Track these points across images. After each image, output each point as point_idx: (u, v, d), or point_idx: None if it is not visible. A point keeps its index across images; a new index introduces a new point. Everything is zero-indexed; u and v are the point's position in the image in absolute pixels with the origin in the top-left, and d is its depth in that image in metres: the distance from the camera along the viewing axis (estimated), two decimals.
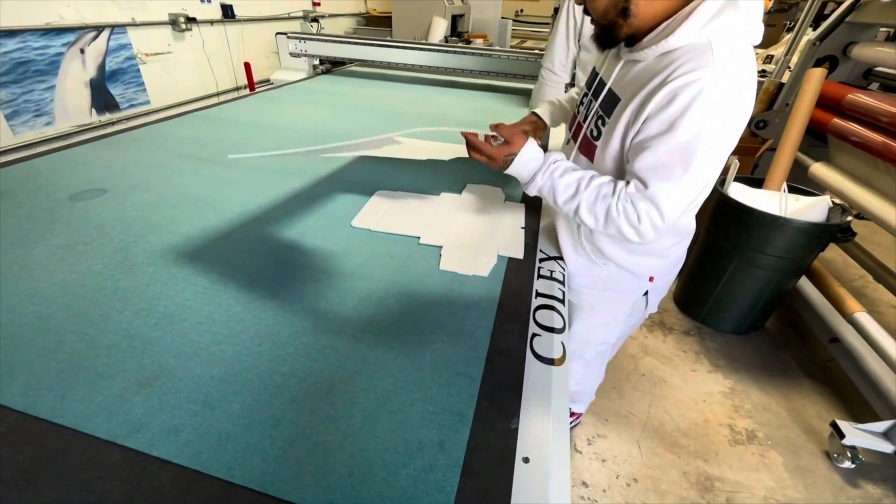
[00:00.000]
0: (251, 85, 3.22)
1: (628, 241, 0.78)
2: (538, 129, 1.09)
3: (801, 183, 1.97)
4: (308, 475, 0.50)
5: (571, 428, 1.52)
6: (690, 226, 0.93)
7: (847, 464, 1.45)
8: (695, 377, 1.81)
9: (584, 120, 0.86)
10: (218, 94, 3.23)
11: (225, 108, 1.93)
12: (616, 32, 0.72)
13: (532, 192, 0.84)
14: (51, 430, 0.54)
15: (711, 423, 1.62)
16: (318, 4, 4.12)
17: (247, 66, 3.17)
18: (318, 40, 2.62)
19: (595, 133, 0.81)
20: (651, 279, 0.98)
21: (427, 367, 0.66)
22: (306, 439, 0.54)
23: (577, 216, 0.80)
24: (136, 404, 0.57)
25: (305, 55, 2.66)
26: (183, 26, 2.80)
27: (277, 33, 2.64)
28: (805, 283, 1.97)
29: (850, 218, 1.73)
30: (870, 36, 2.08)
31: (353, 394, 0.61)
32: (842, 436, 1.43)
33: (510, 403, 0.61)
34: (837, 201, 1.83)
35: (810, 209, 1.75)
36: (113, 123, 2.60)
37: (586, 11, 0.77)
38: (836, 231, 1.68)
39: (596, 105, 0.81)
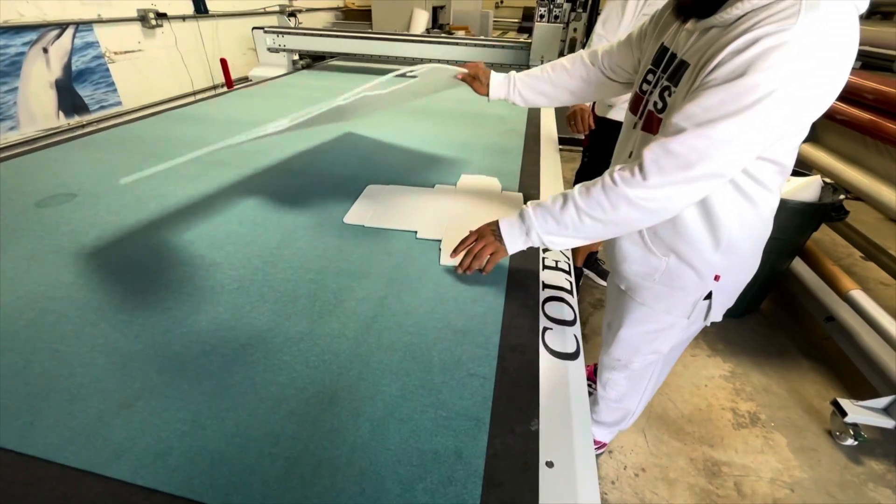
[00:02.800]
0: (228, 82, 3.10)
1: (637, 208, 0.66)
2: (479, 77, 1.03)
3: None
4: (314, 496, 0.45)
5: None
6: (767, 211, 0.79)
7: (850, 441, 1.45)
8: (695, 362, 1.81)
9: (650, 96, 0.78)
10: (194, 92, 3.11)
11: (202, 105, 1.84)
12: None
13: (539, 241, 0.74)
14: (18, 462, 0.48)
15: (714, 407, 1.61)
16: None
17: (223, 62, 3.05)
18: (297, 34, 2.53)
19: (660, 105, 0.74)
20: (717, 278, 0.84)
21: (436, 368, 0.62)
22: (310, 456, 0.49)
23: (584, 219, 0.69)
24: (117, 427, 0.51)
25: (284, 50, 2.57)
26: (153, 22, 2.67)
27: (254, 28, 2.54)
28: (799, 264, 1.98)
29: (842, 196, 1.73)
30: None
31: (359, 403, 0.56)
32: (844, 414, 1.44)
33: (528, 404, 0.57)
34: (828, 181, 1.84)
35: (803, 189, 1.75)
36: (83, 126, 2.47)
37: None
38: (829, 210, 1.69)
39: (664, 78, 0.74)
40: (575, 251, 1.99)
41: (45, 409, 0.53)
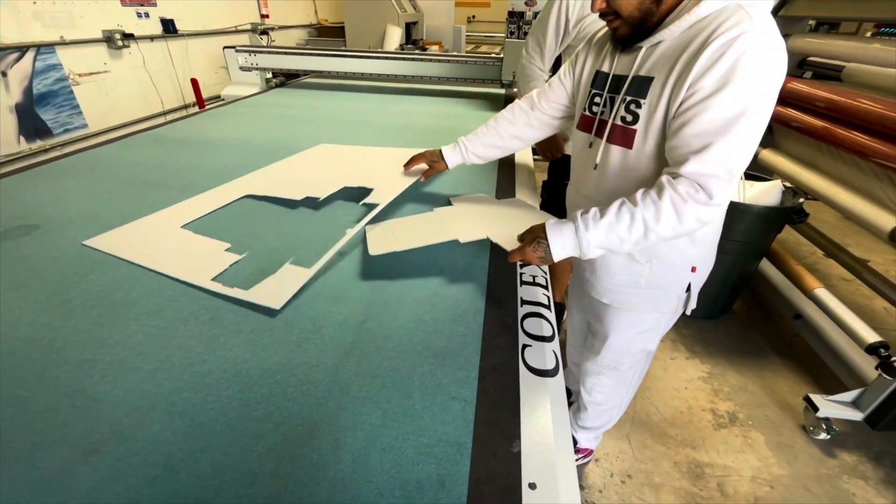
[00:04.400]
0: (200, 102, 3.06)
1: (705, 223, 0.71)
2: (433, 171, 1.08)
3: (752, 169, 2.06)
4: None
5: (581, 466, 1.41)
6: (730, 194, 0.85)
7: (823, 435, 1.51)
8: (674, 365, 1.85)
9: (610, 114, 0.82)
10: (164, 113, 3.05)
11: (172, 127, 1.81)
12: (650, 21, 0.72)
13: (590, 253, 0.73)
14: None
15: (695, 409, 1.65)
16: (267, 17, 3.99)
17: (194, 82, 3.01)
18: (270, 53, 2.52)
19: (630, 118, 0.77)
20: (693, 269, 0.91)
21: (417, 394, 0.61)
22: (290, 494, 0.48)
23: (648, 236, 0.70)
24: (83, 476, 0.49)
25: (257, 69, 2.55)
26: (119, 43, 2.62)
27: (225, 47, 2.52)
28: (766, 265, 2.06)
29: (801, 200, 1.82)
30: (801, 28, 2.22)
31: (339, 434, 0.55)
32: (815, 409, 1.49)
33: (510, 425, 0.57)
34: (788, 184, 1.93)
35: (765, 194, 1.83)
36: (46, 151, 2.39)
37: (605, 15, 0.75)
38: (791, 213, 1.77)
39: (620, 96, 0.78)
40: (553, 285, 1.97)
41: (5, 459, 0.51)
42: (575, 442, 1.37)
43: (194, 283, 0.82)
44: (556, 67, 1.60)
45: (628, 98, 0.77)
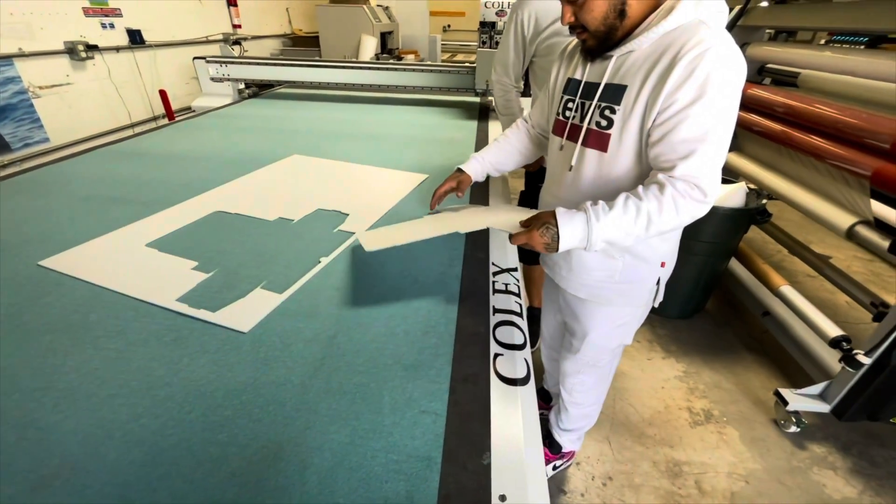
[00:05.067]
0: (169, 114, 2.99)
1: (695, 217, 0.75)
2: (462, 184, 1.07)
3: None
4: None
5: (563, 469, 1.43)
6: (714, 198, 0.92)
7: (793, 428, 1.55)
8: (651, 365, 1.88)
9: (582, 119, 0.86)
10: (132, 125, 2.96)
11: (139, 140, 1.76)
12: (615, 34, 0.77)
13: (599, 246, 0.75)
14: None
15: (672, 408, 1.68)
16: (239, 27, 3.95)
17: (162, 93, 2.94)
18: (242, 63, 2.49)
19: (605, 123, 0.81)
20: (663, 265, 0.97)
21: (387, 409, 0.61)
22: None
23: (650, 228, 0.73)
24: None
25: (228, 79, 2.52)
26: (83, 55, 2.54)
27: (195, 58, 2.47)
28: (735, 264, 2.12)
29: (764, 201, 1.89)
30: (759, 37, 2.33)
31: (305, 454, 0.54)
32: (785, 403, 1.54)
33: (480, 436, 0.57)
34: (752, 186, 2.01)
35: (731, 196, 1.90)
36: (4, 166, 2.29)
37: (574, 29, 0.80)
38: (755, 214, 1.83)
39: (594, 102, 0.83)
40: (530, 291, 1.99)
41: None
42: (559, 447, 1.38)
43: (158, 304, 0.79)
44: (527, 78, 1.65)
45: (602, 104, 0.82)
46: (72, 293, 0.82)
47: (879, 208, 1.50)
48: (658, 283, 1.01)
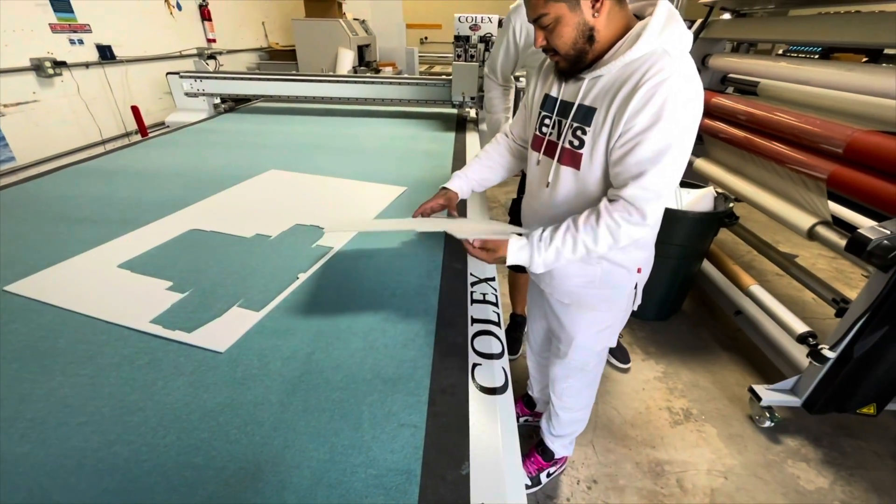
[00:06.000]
0: (142, 130, 2.93)
1: (637, 238, 0.83)
2: (451, 201, 1.09)
3: (688, 177, 2.21)
4: None
5: (557, 476, 1.44)
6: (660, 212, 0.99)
7: (767, 423, 1.61)
8: (632, 367, 1.92)
9: (558, 137, 0.90)
10: (103, 142, 2.90)
11: (111, 157, 1.73)
12: (585, 58, 0.81)
13: (541, 270, 0.86)
14: None
15: (652, 409, 1.71)
16: (214, 41, 3.91)
17: (134, 109, 2.89)
18: (216, 78, 2.47)
19: (577, 143, 0.86)
20: (639, 270, 1.02)
21: (366, 423, 0.61)
22: None
23: (589, 254, 0.83)
24: None
25: (203, 94, 2.49)
26: (50, 72, 2.48)
27: (168, 73, 2.44)
28: (708, 266, 2.20)
29: (731, 204, 1.97)
30: (720, 48, 2.44)
31: (284, 474, 0.54)
32: (759, 398, 1.59)
33: (459, 447, 0.58)
34: (720, 190, 2.09)
35: (700, 200, 1.97)
36: None
37: (547, 51, 0.84)
38: (723, 217, 1.91)
39: (568, 121, 0.87)
40: (514, 298, 2.02)
41: None
42: (552, 454, 1.39)
43: (131, 326, 0.78)
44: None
45: (575, 125, 0.86)
46: (39, 318, 0.80)
47: (840, 210, 1.59)
48: (636, 287, 1.05)
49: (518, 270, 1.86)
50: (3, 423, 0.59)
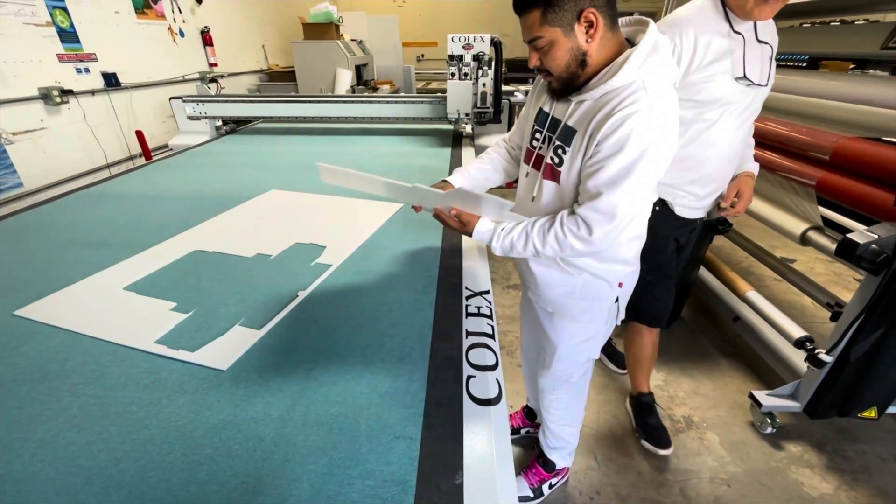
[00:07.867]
0: (146, 154, 3.00)
1: (585, 253, 0.90)
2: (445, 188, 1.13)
3: None
4: None
5: (559, 487, 1.44)
6: (643, 230, 1.02)
7: (769, 429, 1.61)
8: None
9: (546, 152, 0.94)
10: (109, 166, 2.96)
11: (116, 182, 1.78)
12: (577, 80, 0.85)
13: (498, 253, 0.94)
14: None
15: None
16: (215, 65, 4.02)
17: (139, 134, 2.96)
18: (218, 101, 2.54)
19: (557, 161, 0.91)
20: (620, 285, 1.04)
21: (363, 436, 0.63)
22: None
23: (538, 254, 0.90)
24: None
25: (205, 117, 2.56)
26: (58, 100, 2.56)
27: (171, 98, 2.51)
28: (705, 273, 2.22)
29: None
30: None
31: (284, 487, 0.56)
32: (759, 405, 1.59)
33: (453, 457, 0.60)
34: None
35: None
36: None
37: (540, 72, 0.89)
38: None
39: (554, 138, 0.92)
40: (634, 372, 2.02)
41: None
42: (552, 464, 1.40)
43: (136, 347, 0.80)
44: None
45: (557, 143, 0.91)
46: (48, 341, 0.83)
47: (835, 215, 1.61)
48: (617, 301, 1.08)
49: None
50: (14, 444, 0.61)
